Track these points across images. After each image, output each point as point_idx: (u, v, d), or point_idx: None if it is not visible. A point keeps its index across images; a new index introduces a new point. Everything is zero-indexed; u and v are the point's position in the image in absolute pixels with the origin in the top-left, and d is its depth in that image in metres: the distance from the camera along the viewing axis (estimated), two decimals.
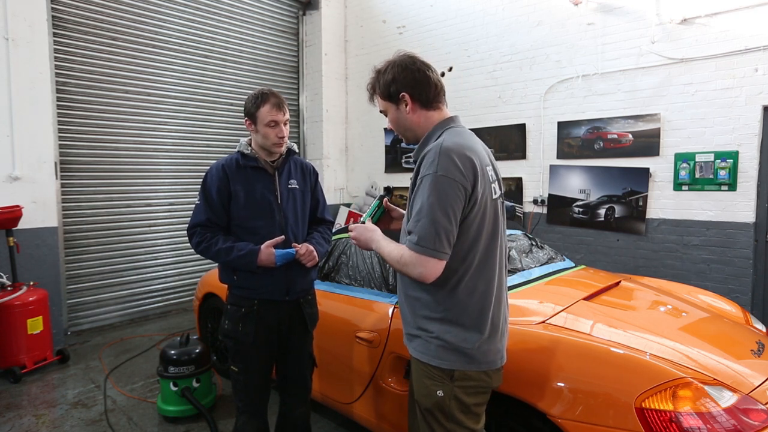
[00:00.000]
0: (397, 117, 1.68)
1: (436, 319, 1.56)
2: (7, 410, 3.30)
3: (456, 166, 1.46)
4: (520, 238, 3.32)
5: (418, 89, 1.61)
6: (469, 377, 1.56)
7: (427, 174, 1.48)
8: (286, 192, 2.25)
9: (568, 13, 4.88)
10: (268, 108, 2.11)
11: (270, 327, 2.22)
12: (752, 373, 1.92)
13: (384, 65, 1.66)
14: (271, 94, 2.14)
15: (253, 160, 2.19)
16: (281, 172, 2.25)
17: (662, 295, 2.82)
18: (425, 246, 1.46)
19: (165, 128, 5.59)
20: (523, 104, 5.28)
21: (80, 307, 5.04)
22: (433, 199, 1.45)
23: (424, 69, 1.62)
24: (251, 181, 2.18)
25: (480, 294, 1.56)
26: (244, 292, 2.19)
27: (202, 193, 2.18)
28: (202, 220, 2.16)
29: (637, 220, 4.58)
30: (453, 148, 1.49)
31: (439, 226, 1.45)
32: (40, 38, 4.24)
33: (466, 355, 1.54)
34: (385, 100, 1.67)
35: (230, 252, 2.10)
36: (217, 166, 2.19)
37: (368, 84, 1.72)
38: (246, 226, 2.17)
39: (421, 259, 1.47)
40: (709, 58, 4.11)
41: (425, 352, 1.58)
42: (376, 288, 2.76)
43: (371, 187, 6.82)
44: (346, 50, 7.10)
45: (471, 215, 1.51)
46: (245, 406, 2.24)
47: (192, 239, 2.18)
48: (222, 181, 2.15)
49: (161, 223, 5.63)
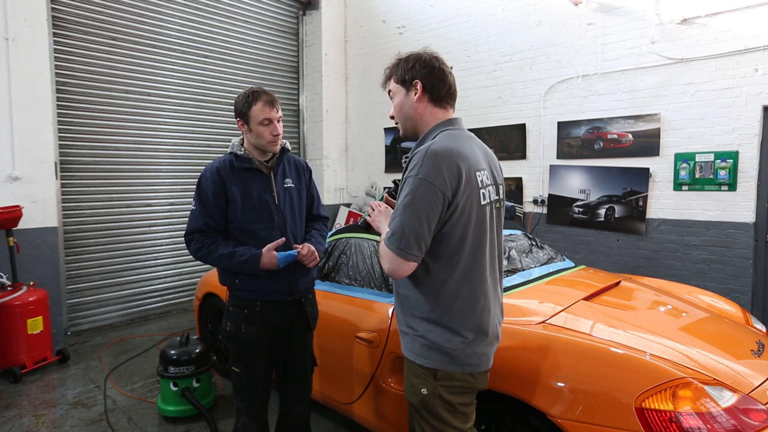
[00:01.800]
0: (403, 102, 1.68)
1: (421, 318, 1.58)
2: (7, 410, 3.30)
3: (438, 171, 1.46)
4: (520, 238, 3.32)
5: (432, 81, 1.63)
6: (452, 377, 1.57)
7: (410, 176, 1.50)
8: (283, 192, 2.22)
9: (568, 13, 4.88)
10: (260, 106, 2.08)
11: (272, 328, 2.21)
12: (752, 373, 1.92)
13: (408, 54, 1.70)
14: (262, 92, 2.10)
15: (247, 161, 2.15)
16: (276, 171, 2.22)
17: (662, 295, 2.82)
18: (393, 244, 1.49)
19: (165, 128, 5.59)
20: (523, 104, 5.28)
21: (80, 307, 5.04)
22: (409, 200, 1.47)
23: (444, 68, 1.66)
24: (247, 182, 2.14)
25: (464, 298, 1.55)
26: (246, 293, 2.17)
27: (198, 198, 2.13)
28: (200, 226, 2.11)
29: (637, 220, 4.58)
30: (440, 151, 1.48)
31: (409, 228, 1.46)
32: (40, 38, 4.24)
33: (448, 356, 1.55)
34: (398, 84, 1.69)
35: (232, 257, 2.07)
36: (211, 169, 2.13)
37: (386, 67, 1.74)
38: (245, 229, 2.14)
39: (390, 254, 1.50)
40: (709, 58, 4.11)
41: (412, 350, 1.61)
42: (376, 288, 2.76)
43: (371, 187, 6.82)
44: (346, 50, 7.10)
45: (452, 221, 1.51)
46: (246, 407, 2.23)
47: (190, 246, 2.13)
48: (217, 185, 2.10)
49: (161, 223, 5.63)
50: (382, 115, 6.65)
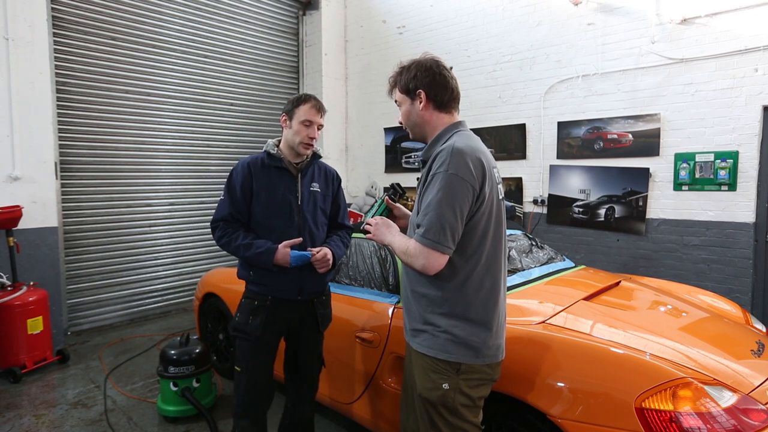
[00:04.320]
0: (410, 111, 1.76)
1: (443, 313, 1.61)
2: (7, 410, 3.30)
3: (467, 166, 1.53)
4: (520, 238, 3.32)
5: (435, 89, 1.70)
6: (474, 370, 1.62)
7: (438, 172, 1.55)
8: (308, 194, 2.28)
9: (568, 13, 4.88)
10: (308, 107, 2.19)
11: (278, 324, 2.24)
12: (752, 373, 1.92)
13: (409, 62, 1.76)
14: (314, 97, 2.24)
15: (278, 161, 2.24)
16: (305, 174, 2.30)
17: (662, 295, 2.82)
18: (430, 239, 1.53)
19: (165, 128, 5.59)
20: (523, 104, 5.28)
21: (80, 307, 5.04)
22: (442, 195, 1.52)
23: (445, 74, 1.72)
24: (274, 180, 2.23)
25: (486, 291, 1.62)
26: (258, 288, 2.23)
27: (227, 189, 2.24)
28: (225, 215, 2.21)
29: (637, 220, 4.58)
30: (464, 149, 1.56)
31: (445, 221, 1.51)
32: (40, 38, 4.23)
33: (473, 349, 1.60)
34: (403, 94, 1.76)
35: (249, 248, 2.15)
36: (243, 164, 2.24)
37: (390, 77, 1.81)
38: (264, 224, 2.21)
39: (425, 251, 1.54)
40: (709, 58, 4.11)
41: (432, 346, 1.62)
42: (376, 288, 2.76)
43: (371, 187, 6.82)
44: (346, 50, 7.10)
45: (478, 214, 1.58)
46: (243, 410, 2.24)
47: (215, 233, 2.24)
48: (246, 179, 2.20)
49: (161, 223, 5.63)
50: (382, 115, 6.64)
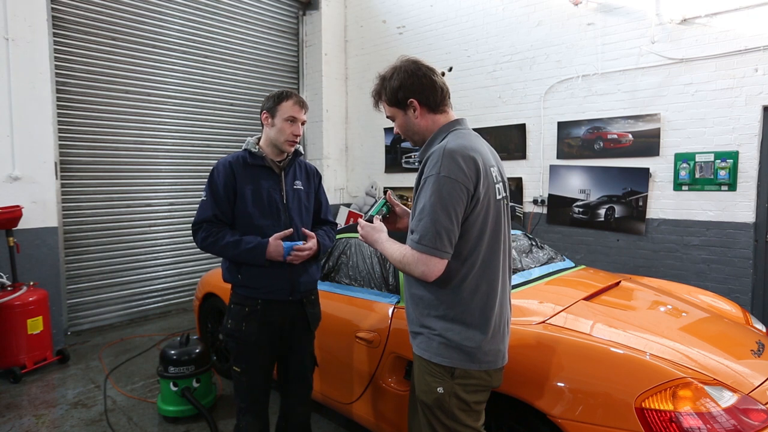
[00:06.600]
0: (406, 122, 1.70)
1: (438, 316, 1.58)
2: (7, 410, 3.30)
3: (459, 167, 1.48)
4: (520, 238, 3.32)
5: (425, 94, 1.64)
6: (469, 375, 1.57)
7: (431, 175, 1.51)
8: (292, 192, 2.26)
9: (568, 13, 4.88)
10: (291, 103, 2.16)
11: (273, 326, 2.22)
12: (752, 373, 1.92)
13: (389, 71, 1.68)
14: (295, 93, 2.21)
15: (260, 159, 2.20)
16: (287, 172, 2.26)
17: (662, 295, 2.82)
18: (426, 245, 1.48)
19: (165, 128, 5.59)
20: (523, 104, 5.28)
21: (80, 307, 5.04)
22: (435, 198, 1.48)
23: (429, 74, 1.65)
24: (258, 180, 2.18)
25: (482, 294, 1.58)
26: (247, 291, 2.18)
27: (209, 189, 2.17)
28: (208, 216, 2.14)
29: (637, 220, 4.58)
30: (456, 149, 1.51)
31: (440, 225, 1.47)
32: (40, 38, 4.23)
33: (467, 354, 1.56)
34: (393, 107, 1.70)
35: (238, 245, 2.09)
36: (224, 163, 2.18)
37: (373, 90, 1.75)
38: (252, 224, 2.17)
39: (422, 257, 1.49)
40: (709, 58, 4.11)
41: (427, 349, 1.60)
42: (376, 288, 2.76)
43: (371, 187, 6.82)
44: (346, 50, 7.10)
45: (473, 215, 1.53)
46: (248, 406, 2.24)
47: (197, 235, 2.16)
48: (228, 178, 2.15)
49: (161, 223, 5.63)
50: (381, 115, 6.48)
